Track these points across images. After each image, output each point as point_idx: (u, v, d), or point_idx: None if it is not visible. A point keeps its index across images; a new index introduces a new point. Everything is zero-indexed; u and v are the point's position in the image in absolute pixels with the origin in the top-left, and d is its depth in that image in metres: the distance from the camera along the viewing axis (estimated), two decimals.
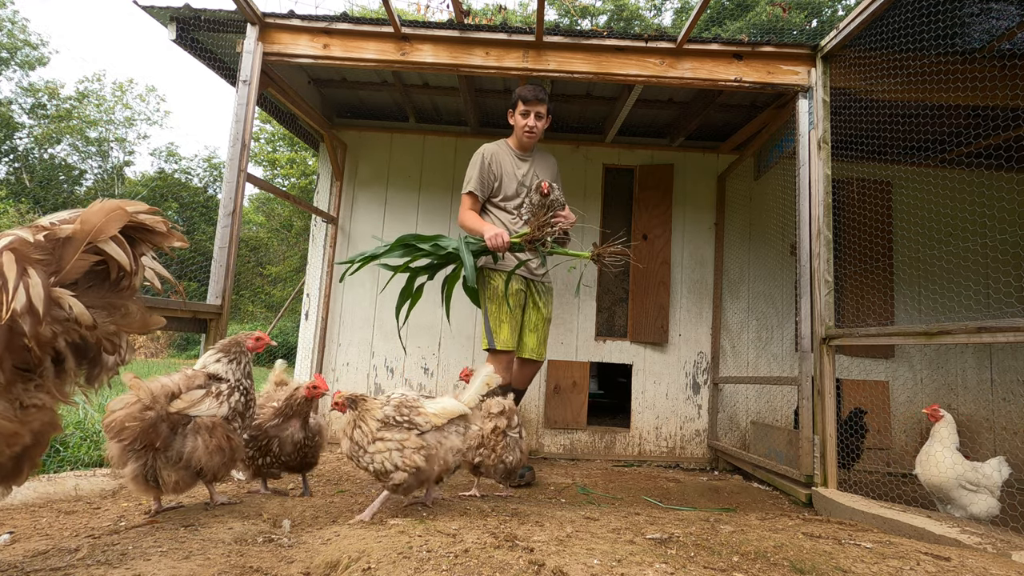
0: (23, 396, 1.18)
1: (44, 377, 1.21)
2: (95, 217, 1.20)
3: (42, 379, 1.21)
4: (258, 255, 19.86)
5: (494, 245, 2.95)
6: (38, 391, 1.20)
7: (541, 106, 3.26)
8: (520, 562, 1.37)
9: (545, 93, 3.27)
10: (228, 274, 3.14)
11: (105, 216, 1.20)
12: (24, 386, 1.18)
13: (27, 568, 1.33)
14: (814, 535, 1.97)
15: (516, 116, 3.32)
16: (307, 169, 18.98)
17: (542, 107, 3.26)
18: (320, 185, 4.85)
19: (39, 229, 1.17)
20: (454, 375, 4.65)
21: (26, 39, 22.70)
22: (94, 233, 1.19)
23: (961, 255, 4.11)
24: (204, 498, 2.06)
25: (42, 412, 1.21)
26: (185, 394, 1.82)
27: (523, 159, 3.44)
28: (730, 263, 4.78)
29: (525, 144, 3.40)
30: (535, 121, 3.28)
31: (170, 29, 3.47)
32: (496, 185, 3.37)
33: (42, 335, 1.13)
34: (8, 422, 1.16)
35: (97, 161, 24.20)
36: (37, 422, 1.21)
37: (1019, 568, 1.67)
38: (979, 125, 3.88)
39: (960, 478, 2.63)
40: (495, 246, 2.95)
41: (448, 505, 2.20)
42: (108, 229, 1.20)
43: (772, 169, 4.29)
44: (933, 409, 2.83)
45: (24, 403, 1.18)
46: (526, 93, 3.24)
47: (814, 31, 13.78)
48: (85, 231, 1.18)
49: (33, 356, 1.16)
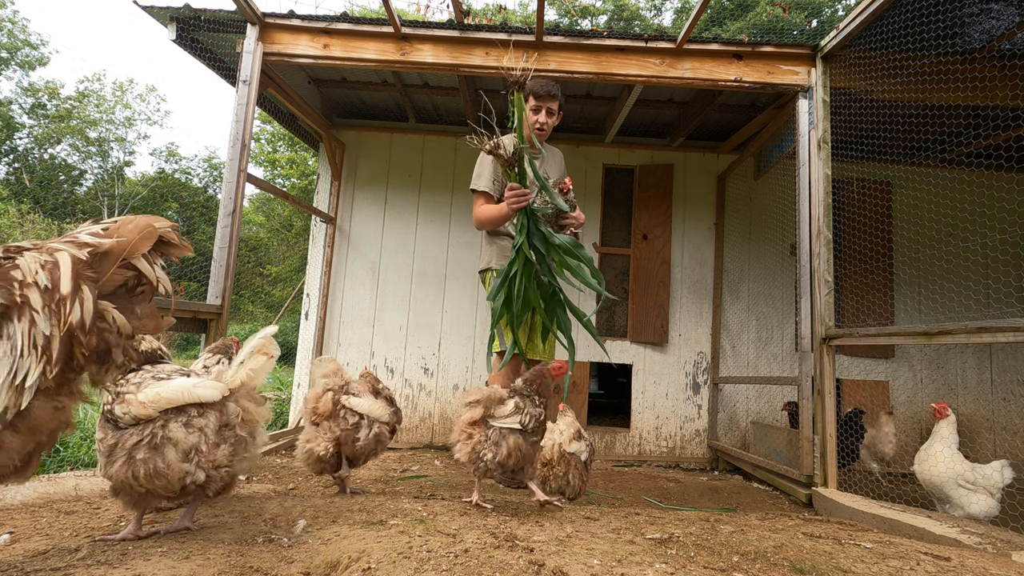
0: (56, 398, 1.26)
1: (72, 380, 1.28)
2: (130, 234, 1.30)
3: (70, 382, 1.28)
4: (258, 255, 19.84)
5: (518, 205, 2.52)
6: (59, 392, 1.27)
7: (553, 102, 3.09)
8: (520, 562, 1.37)
9: (557, 88, 3.09)
10: (228, 274, 3.14)
11: (140, 233, 1.31)
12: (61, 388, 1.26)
13: (27, 568, 1.33)
14: (814, 535, 1.97)
15: (526, 112, 3.24)
16: (307, 169, 18.97)
17: (554, 103, 3.09)
18: (320, 185, 4.85)
19: (83, 245, 1.26)
20: (454, 375, 4.65)
21: (26, 39, 22.70)
22: (130, 251, 1.29)
23: (961, 255, 4.11)
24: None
25: (62, 412, 1.28)
26: None
27: (533, 156, 3.36)
28: (730, 263, 4.77)
29: (536, 142, 3.33)
30: (546, 117, 3.10)
31: (170, 29, 3.47)
32: (507, 183, 3.28)
33: (90, 344, 1.25)
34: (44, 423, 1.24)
35: (97, 161, 24.19)
36: (55, 421, 1.28)
37: (1019, 568, 1.67)
38: (979, 125, 3.88)
39: (958, 477, 2.63)
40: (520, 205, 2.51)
41: (448, 505, 2.20)
42: (142, 247, 1.30)
43: (772, 169, 4.29)
44: (942, 406, 2.82)
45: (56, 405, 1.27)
46: (537, 88, 3.06)
47: (814, 31, 13.78)
48: (122, 247, 1.29)
49: (77, 364, 1.25)
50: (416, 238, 4.81)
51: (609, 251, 4.82)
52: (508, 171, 2.49)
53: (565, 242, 2.44)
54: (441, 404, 4.63)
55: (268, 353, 1.62)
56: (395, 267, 4.77)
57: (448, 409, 4.63)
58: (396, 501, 2.22)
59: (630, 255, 4.80)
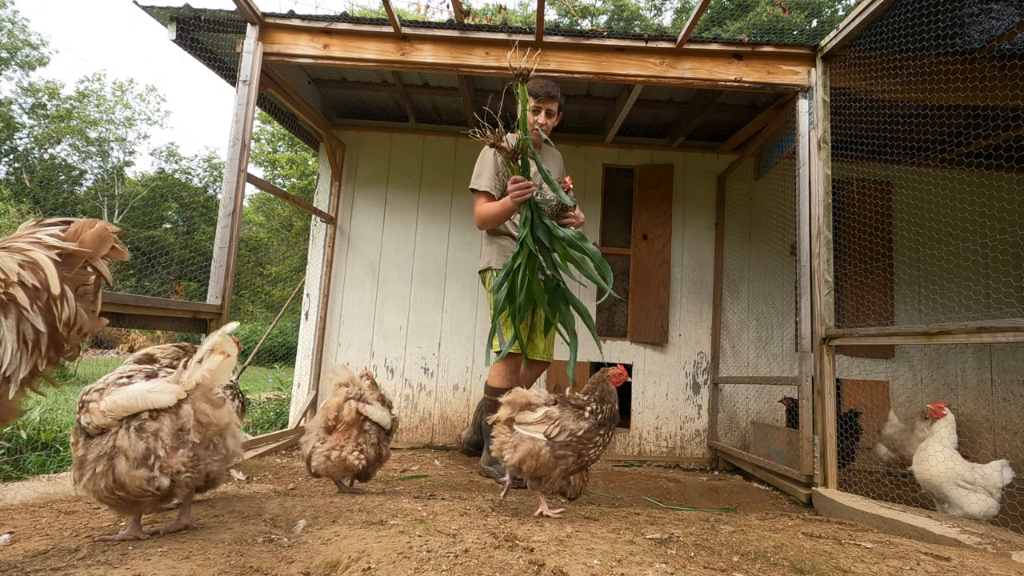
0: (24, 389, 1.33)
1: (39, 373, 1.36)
2: (90, 238, 1.41)
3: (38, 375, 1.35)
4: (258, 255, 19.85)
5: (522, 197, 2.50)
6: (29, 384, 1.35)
7: (552, 103, 3.11)
8: (520, 562, 1.37)
9: (557, 89, 3.11)
10: (228, 274, 3.14)
11: (99, 239, 1.42)
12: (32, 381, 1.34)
13: (27, 568, 1.33)
14: (814, 535, 1.97)
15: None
16: (307, 169, 18.98)
17: (553, 104, 3.12)
18: (320, 185, 4.85)
19: (51, 248, 1.35)
20: (454, 375, 4.66)
21: (26, 39, 22.71)
22: (91, 255, 1.41)
23: (961, 255, 4.11)
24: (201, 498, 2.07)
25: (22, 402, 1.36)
26: None
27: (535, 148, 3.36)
28: (730, 263, 4.78)
29: (535, 141, 3.33)
30: (546, 118, 3.12)
31: (170, 29, 3.47)
32: (507, 183, 3.28)
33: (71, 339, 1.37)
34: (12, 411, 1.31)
35: (97, 161, 24.19)
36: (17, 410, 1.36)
37: (1019, 568, 1.67)
38: (979, 125, 3.88)
39: (956, 477, 2.64)
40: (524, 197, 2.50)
41: (448, 505, 2.20)
42: (101, 250, 1.42)
43: (772, 169, 4.29)
44: (939, 406, 2.83)
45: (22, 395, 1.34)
46: (536, 89, 3.08)
47: (814, 31, 13.79)
48: (83, 252, 1.39)
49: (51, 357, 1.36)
50: (416, 238, 4.81)
51: (609, 251, 4.83)
52: (511, 164, 2.49)
53: (570, 235, 2.42)
54: (441, 404, 4.63)
55: (225, 352, 1.56)
56: (395, 267, 4.78)
57: (448, 409, 4.63)
58: (396, 501, 2.23)
59: (630, 255, 4.80)
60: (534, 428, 2.05)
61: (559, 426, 2.03)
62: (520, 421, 2.10)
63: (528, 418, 2.08)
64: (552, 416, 2.05)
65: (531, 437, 2.04)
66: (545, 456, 2.02)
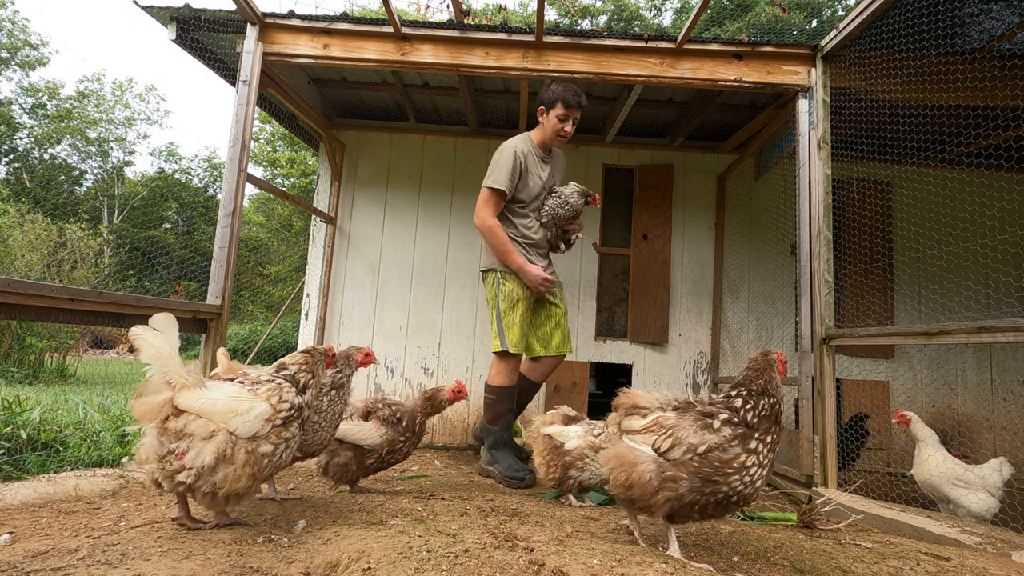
0: None
1: None
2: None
3: None
4: (258, 255, 19.85)
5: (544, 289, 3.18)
6: None
7: (580, 112, 3.20)
8: (520, 562, 1.37)
9: (584, 98, 3.19)
10: (228, 274, 3.14)
11: None
12: None
13: (27, 568, 1.33)
14: (814, 535, 1.98)
15: (551, 117, 3.19)
16: (307, 169, 18.99)
17: (579, 113, 3.20)
18: (320, 185, 4.85)
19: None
20: (454, 375, 4.65)
21: (26, 39, 22.72)
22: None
23: (961, 255, 4.11)
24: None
25: None
26: None
27: (546, 160, 3.36)
28: (730, 263, 4.77)
29: (550, 146, 3.34)
30: (571, 128, 3.21)
31: (170, 29, 3.47)
32: (520, 185, 3.24)
33: None
34: None
35: (97, 161, 24.20)
36: None
37: (1019, 568, 1.67)
38: (979, 125, 3.88)
39: (952, 477, 2.65)
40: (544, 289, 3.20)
41: (448, 505, 2.20)
42: None
43: (772, 169, 4.29)
44: (900, 414, 2.93)
45: None
46: (570, 98, 3.11)
47: (814, 31, 13.79)
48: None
49: None
50: (416, 238, 4.81)
51: (609, 251, 4.82)
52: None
53: None
54: None
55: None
56: (395, 267, 4.77)
57: (448, 409, 4.61)
58: (396, 501, 2.23)
59: (630, 255, 4.80)
60: (641, 438, 1.67)
61: (673, 438, 1.59)
62: (626, 429, 1.74)
63: (634, 425, 1.71)
64: (665, 424, 1.64)
65: (629, 447, 1.68)
66: (643, 474, 1.59)
